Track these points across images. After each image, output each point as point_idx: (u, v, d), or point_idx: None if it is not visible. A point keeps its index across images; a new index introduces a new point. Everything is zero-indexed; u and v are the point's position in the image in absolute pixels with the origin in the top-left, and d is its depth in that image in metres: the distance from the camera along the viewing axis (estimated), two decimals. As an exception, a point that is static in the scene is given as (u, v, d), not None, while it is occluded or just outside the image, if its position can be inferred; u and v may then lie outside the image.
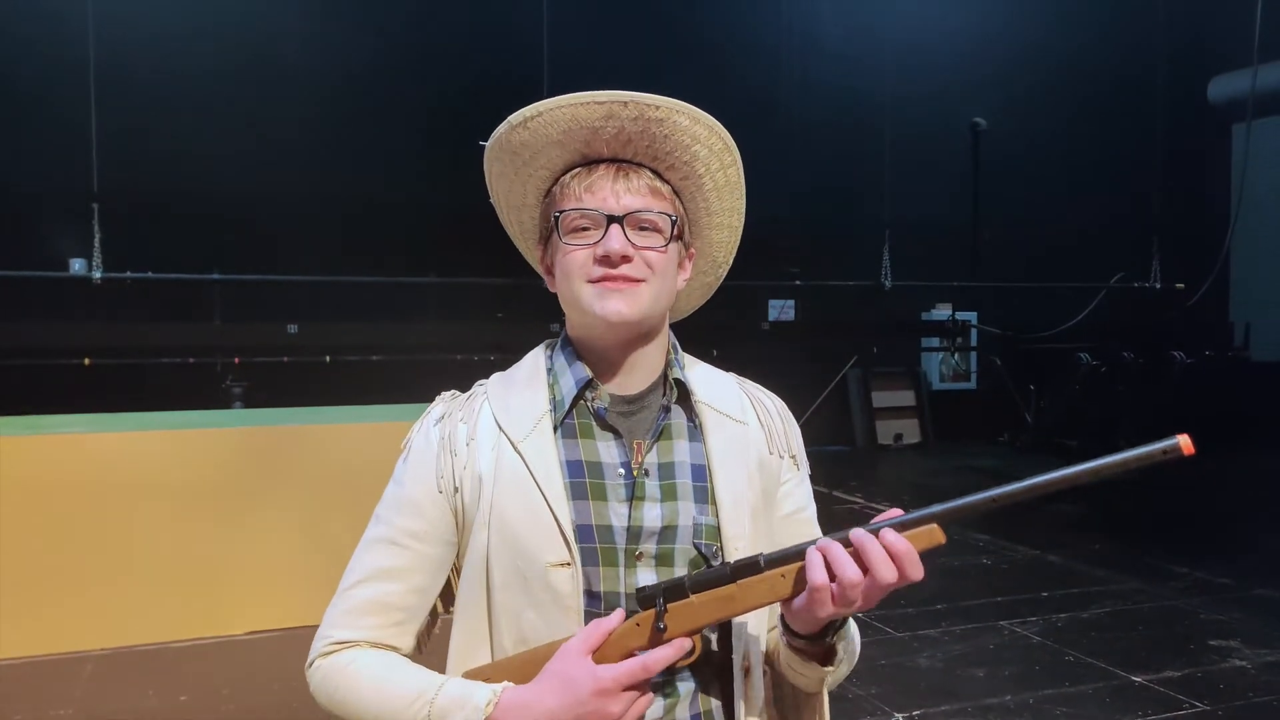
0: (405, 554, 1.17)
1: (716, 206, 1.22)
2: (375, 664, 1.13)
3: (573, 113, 1.12)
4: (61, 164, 8.00)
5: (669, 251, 1.15)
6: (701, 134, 1.15)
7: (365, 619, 1.16)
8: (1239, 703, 3.95)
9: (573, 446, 1.16)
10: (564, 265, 1.15)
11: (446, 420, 1.20)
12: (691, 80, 10.74)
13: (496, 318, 9.63)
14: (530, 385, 1.20)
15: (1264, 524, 7.73)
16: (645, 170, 1.16)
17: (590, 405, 1.18)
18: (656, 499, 1.14)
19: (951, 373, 12.20)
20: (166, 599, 4.62)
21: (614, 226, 1.12)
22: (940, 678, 4.22)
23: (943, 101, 11.47)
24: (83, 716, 3.83)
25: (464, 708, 1.05)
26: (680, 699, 1.13)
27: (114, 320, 8.29)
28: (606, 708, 1.02)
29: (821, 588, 1.00)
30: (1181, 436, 0.94)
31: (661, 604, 1.04)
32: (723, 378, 1.28)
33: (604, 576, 1.12)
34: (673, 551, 1.13)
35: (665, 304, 1.18)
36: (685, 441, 1.19)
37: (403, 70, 9.31)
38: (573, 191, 1.15)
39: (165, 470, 4.69)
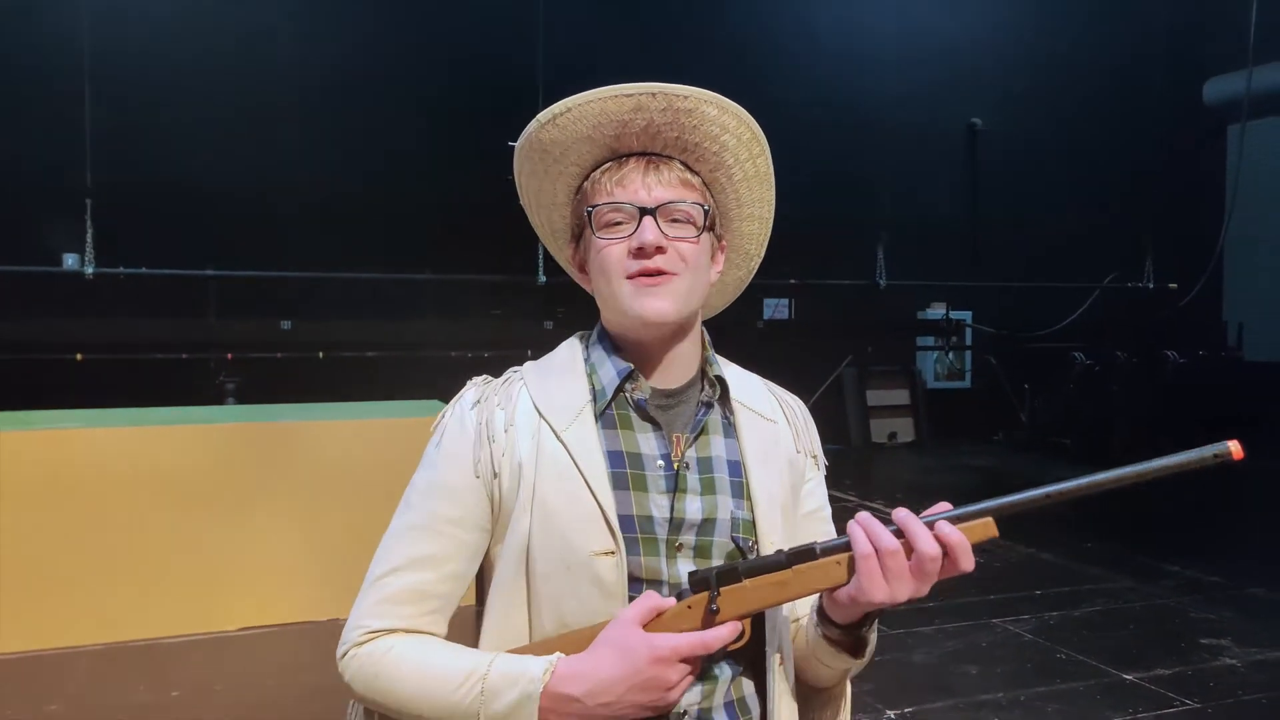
0: (441, 540, 1.15)
1: (746, 197, 1.23)
2: (417, 648, 1.12)
3: (601, 106, 1.13)
4: (55, 159, 7.99)
5: (702, 242, 1.16)
6: (730, 123, 1.16)
7: (401, 608, 1.14)
8: (1229, 700, 3.96)
9: (613, 437, 1.16)
10: (599, 261, 1.16)
11: (483, 405, 1.19)
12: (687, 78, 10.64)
13: (492, 314, 9.63)
14: (569, 374, 1.21)
15: (1255, 523, 7.76)
16: (675, 162, 1.17)
17: (630, 397, 1.18)
18: (698, 492, 1.15)
19: (946, 371, 12.23)
20: (159, 595, 4.61)
21: (647, 219, 1.12)
22: (933, 674, 4.23)
23: (939, 101, 11.49)
24: (75, 712, 3.82)
25: (518, 682, 1.04)
26: (718, 685, 1.14)
27: (107, 316, 8.27)
28: (664, 675, 1.02)
29: (867, 556, 1.01)
30: (1231, 442, 0.97)
31: (715, 587, 1.05)
32: (751, 378, 1.30)
33: (645, 566, 1.12)
34: (711, 544, 1.14)
35: (700, 297, 1.18)
36: (721, 437, 1.20)
37: (399, 66, 9.30)
38: (604, 186, 1.16)
39: (158, 466, 4.68)
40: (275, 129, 8.74)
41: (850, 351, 11.33)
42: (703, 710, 1.13)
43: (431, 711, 1.07)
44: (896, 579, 1.01)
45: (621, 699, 1.02)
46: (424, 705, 1.07)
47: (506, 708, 1.03)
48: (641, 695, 1.03)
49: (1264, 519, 7.93)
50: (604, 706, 1.03)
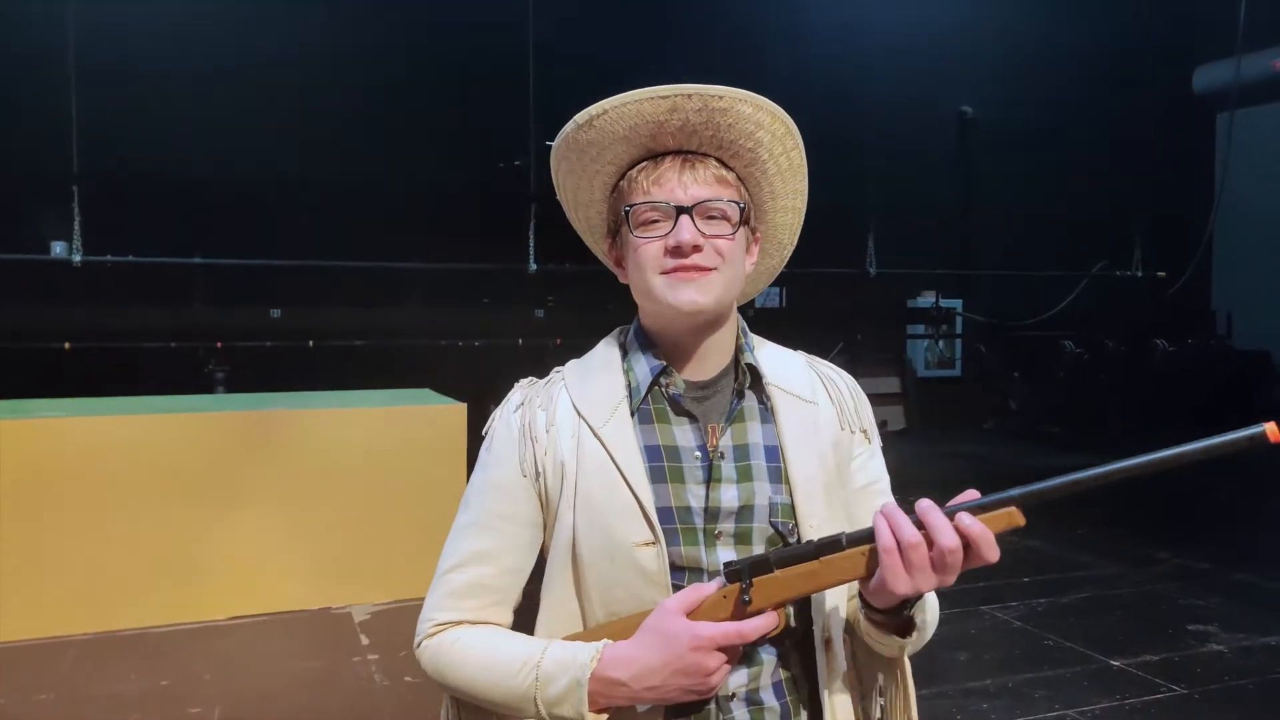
0: (496, 536, 1.22)
1: (781, 189, 1.26)
2: (480, 638, 1.19)
3: (637, 109, 1.15)
4: (42, 146, 7.92)
5: (737, 238, 1.18)
6: (765, 120, 1.18)
7: (464, 601, 1.21)
8: (1215, 686, 3.99)
9: (650, 432, 1.20)
10: (636, 259, 1.18)
11: (525, 407, 1.24)
12: (677, 68, 10.70)
13: (482, 303, 9.61)
14: (606, 372, 1.24)
15: (1243, 510, 7.81)
16: (710, 160, 1.19)
17: (665, 391, 1.21)
18: (733, 480, 1.18)
19: (937, 360, 12.25)
20: (149, 584, 4.61)
21: (683, 218, 1.15)
22: (921, 661, 4.20)
23: (930, 90, 11.48)
24: (65, 701, 3.82)
25: (570, 668, 1.10)
26: (765, 666, 1.17)
27: (95, 304, 8.23)
28: (704, 662, 1.06)
29: (889, 550, 1.02)
30: (1269, 424, 0.93)
31: (747, 578, 1.08)
32: (791, 357, 1.32)
33: (686, 555, 1.16)
34: (750, 530, 1.17)
35: (736, 289, 1.21)
36: (758, 424, 1.22)
37: (389, 52, 9.25)
38: (640, 185, 1.18)
39: (148, 455, 4.67)
40: (264, 116, 8.68)
41: (841, 340, 11.34)
42: (750, 691, 1.17)
43: (495, 696, 1.15)
44: (919, 571, 1.02)
45: (666, 683, 1.08)
46: (488, 690, 1.15)
47: (559, 692, 1.10)
48: (684, 679, 1.08)
49: (1252, 506, 7.98)
50: (650, 690, 1.09)
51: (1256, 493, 8.50)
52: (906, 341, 12.14)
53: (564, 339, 9.03)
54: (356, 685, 3.93)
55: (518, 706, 1.13)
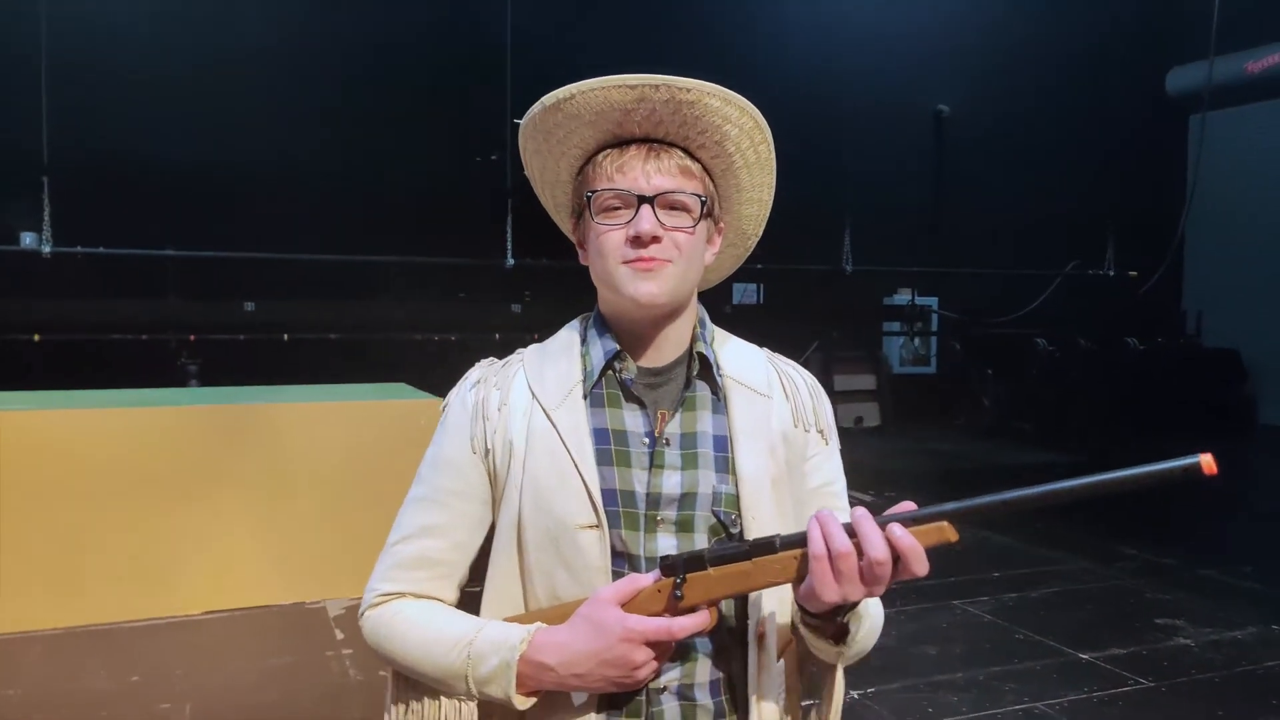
0: (445, 511, 1.22)
1: (747, 183, 1.25)
2: (419, 612, 1.20)
3: (605, 95, 1.15)
4: (10, 135, 7.83)
5: (697, 231, 1.18)
6: (733, 114, 1.18)
7: (409, 573, 1.22)
8: (1182, 679, 4.05)
9: (600, 415, 1.20)
10: (597, 245, 1.18)
11: (481, 385, 1.25)
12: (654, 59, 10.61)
13: (458, 297, 9.59)
14: (564, 356, 1.25)
15: (1210, 507, 7.90)
16: (676, 150, 1.19)
17: (618, 376, 1.22)
18: (677, 467, 1.18)
19: (912, 357, 12.33)
20: (120, 579, 4.57)
21: (645, 207, 1.15)
22: (893, 656, 4.28)
23: (906, 88, 11.55)
24: (33, 697, 3.78)
25: (500, 649, 1.11)
26: (699, 663, 1.17)
27: (65, 296, 8.14)
28: (630, 654, 1.07)
29: (819, 557, 1.02)
30: (1204, 456, 0.93)
31: (681, 574, 1.07)
32: (752, 352, 1.31)
33: (627, 540, 1.16)
34: (693, 518, 1.17)
35: (694, 281, 1.21)
36: (709, 413, 1.22)
37: (364, 46, 9.20)
38: (605, 171, 1.18)
39: (119, 449, 4.63)
40: (237, 107, 8.62)
41: (817, 337, 11.39)
42: (683, 686, 1.16)
43: (429, 670, 1.16)
44: (847, 581, 1.02)
45: (592, 672, 1.09)
46: (423, 665, 1.16)
47: (489, 672, 1.11)
48: (610, 670, 1.08)
49: (1218, 503, 8.09)
50: (576, 677, 1.09)
51: (1224, 491, 8.62)
52: (882, 338, 12.21)
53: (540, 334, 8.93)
54: (330, 680, 3.92)
55: (450, 683, 1.14)
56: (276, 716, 3.64)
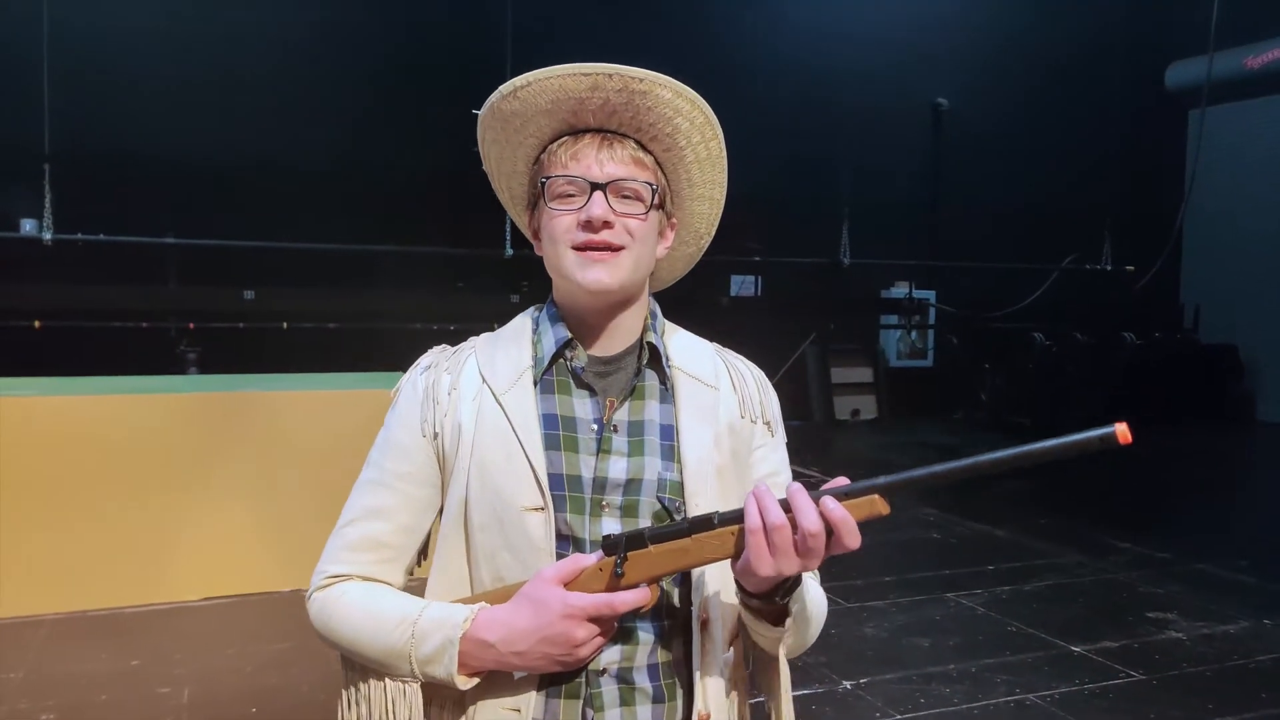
0: (393, 494, 1.24)
1: (698, 178, 1.27)
2: (364, 594, 1.21)
3: (560, 83, 1.17)
4: (11, 122, 7.83)
5: (649, 219, 1.20)
6: (684, 107, 1.20)
7: (357, 555, 1.23)
8: (1173, 673, 4.08)
9: (550, 401, 1.22)
10: (549, 230, 1.20)
11: (432, 370, 1.26)
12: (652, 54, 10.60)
13: (456, 288, 9.60)
14: (515, 342, 1.27)
15: (1204, 501, 7.95)
16: (629, 141, 1.21)
17: (569, 364, 1.24)
18: (623, 453, 1.20)
19: (909, 350, 12.35)
20: (121, 564, 4.60)
21: (597, 193, 1.17)
22: (886, 647, 4.32)
23: (905, 81, 11.53)
24: (34, 680, 3.81)
25: (443, 627, 1.13)
26: (639, 646, 1.19)
27: (65, 282, 8.15)
28: (571, 631, 1.09)
29: (755, 530, 1.05)
30: (1119, 425, 0.96)
31: (622, 551, 1.09)
32: (701, 345, 1.34)
33: (572, 523, 1.18)
34: (637, 503, 1.19)
35: (645, 271, 1.23)
36: (656, 402, 1.25)
37: (364, 34, 9.20)
38: (559, 159, 1.20)
39: (119, 436, 4.66)
40: (237, 96, 8.62)
41: (814, 329, 11.41)
42: (623, 669, 1.18)
43: (373, 651, 1.17)
44: (781, 553, 1.04)
45: (532, 649, 1.11)
46: (367, 645, 1.17)
47: (432, 651, 1.13)
48: (551, 648, 1.10)
49: (1213, 497, 8.13)
50: (517, 655, 1.11)
51: (1220, 485, 8.66)
52: (879, 331, 12.23)
53: (539, 324, 8.98)
54: (326, 666, 3.93)
55: (393, 663, 1.15)
56: (274, 701, 3.68)
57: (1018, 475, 8.32)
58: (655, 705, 1.19)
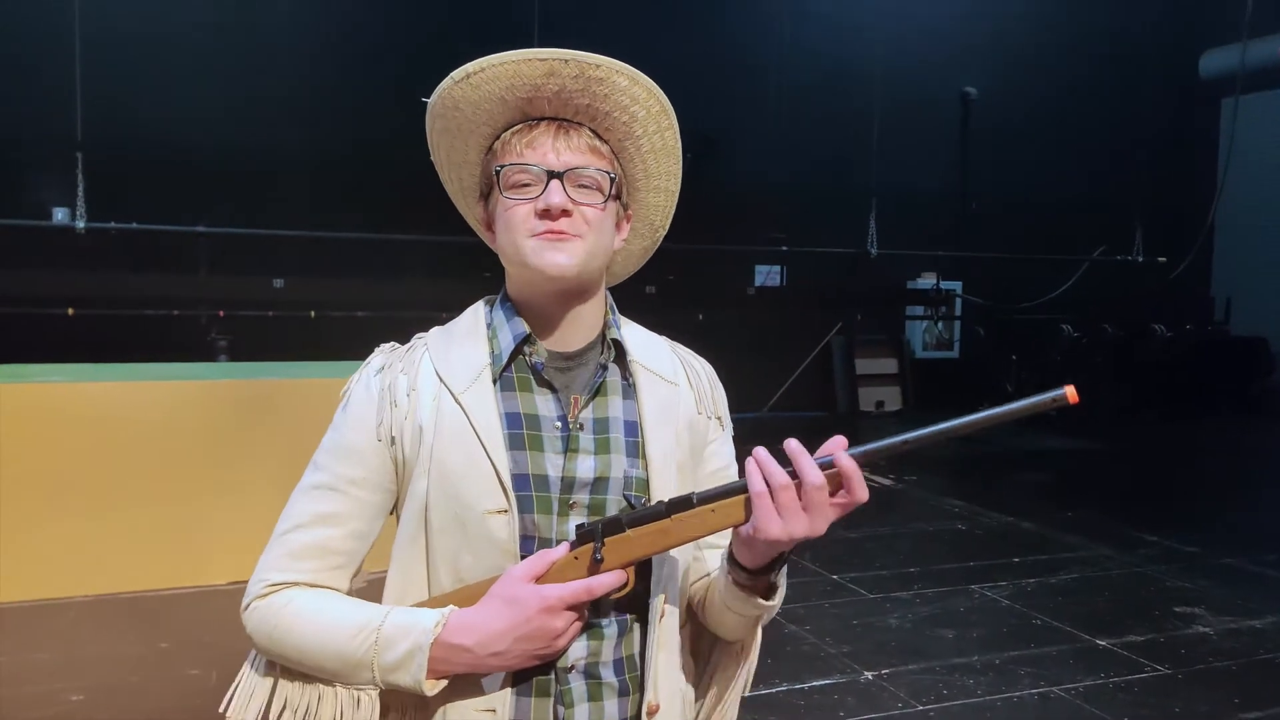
0: (344, 500, 1.19)
1: (654, 169, 1.25)
2: (314, 601, 1.16)
3: (515, 69, 1.14)
4: (45, 111, 7.92)
5: (607, 210, 1.18)
6: (640, 95, 1.17)
7: (303, 562, 1.18)
8: (1199, 667, 4.05)
9: (511, 399, 1.19)
10: (505, 220, 1.17)
11: (387, 371, 1.22)
12: (683, 46, 10.68)
13: (483, 277, 9.61)
14: (470, 339, 1.24)
15: (1234, 495, 7.87)
16: (585, 129, 1.19)
17: (528, 360, 1.21)
18: (590, 451, 1.18)
19: (935, 341, 12.28)
20: (150, 548, 4.66)
21: (554, 182, 1.14)
22: (909, 638, 4.31)
23: (934, 71, 11.44)
24: (64, 661, 3.88)
25: (411, 633, 1.09)
26: (605, 641, 1.18)
27: (98, 271, 8.25)
28: (550, 623, 1.08)
29: (761, 494, 1.05)
30: (1068, 387, 1.03)
31: (600, 537, 1.10)
32: (656, 341, 1.32)
33: (539, 524, 1.16)
34: (605, 502, 1.18)
35: (602, 260, 1.20)
36: (619, 399, 1.23)
37: (396, 22, 9.22)
38: (514, 147, 1.17)
39: (150, 421, 4.71)
40: (270, 86, 8.67)
41: (840, 320, 11.36)
42: (589, 665, 1.17)
43: (327, 661, 1.12)
44: (790, 514, 1.05)
45: (511, 649, 1.09)
46: (320, 655, 1.12)
47: (398, 658, 1.09)
48: (529, 644, 1.09)
49: (1242, 491, 8.04)
50: (494, 656, 1.09)
51: (1247, 478, 8.56)
52: (905, 322, 12.16)
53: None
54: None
55: (351, 673, 1.11)
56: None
57: (1044, 468, 8.28)
58: (621, 699, 1.19)
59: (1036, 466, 8.71)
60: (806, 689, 3.76)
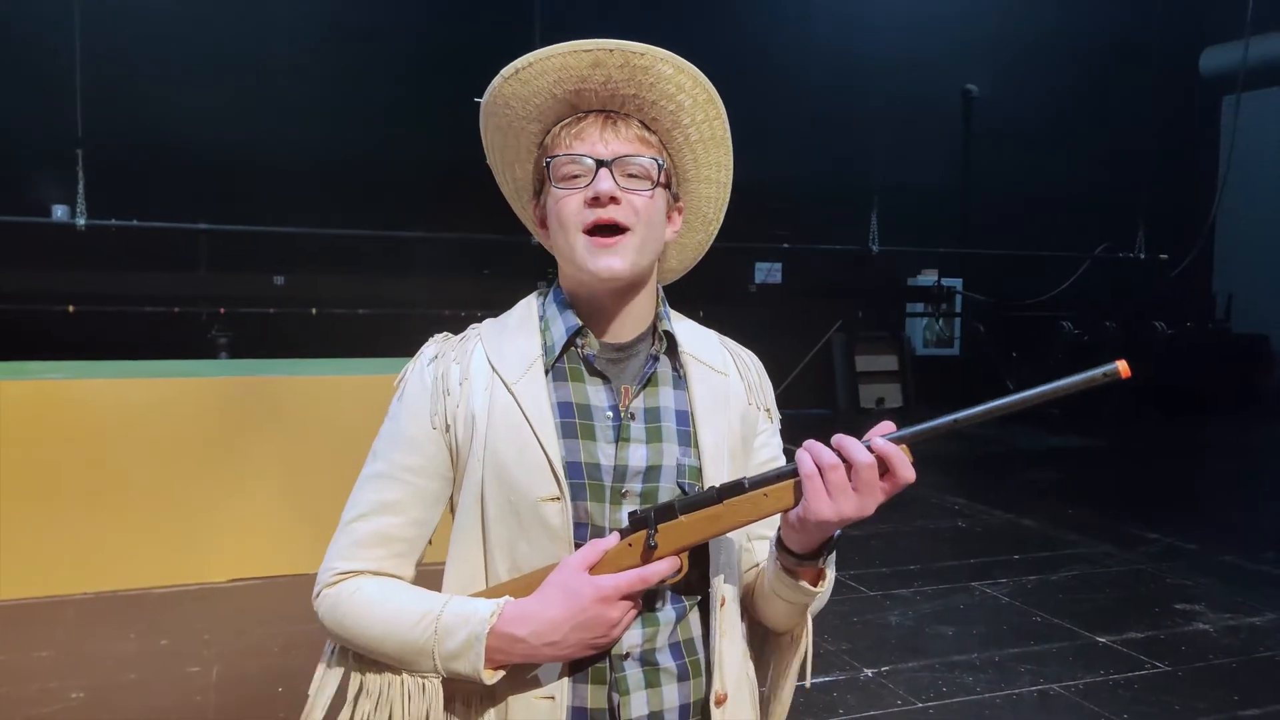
0: (403, 488, 1.21)
1: (704, 159, 1.26)
2: (380, 589, 1.18)
3: (561, 62, 1.16)
4: (45, 108, 7.91)
5: (656, 197, 1.19)
6: (686, 83, 1.19)
7: (368, 550, 1.21)
8: (1199, 664, 4.05)
9: (563, 389, 1.21)
10: (556, 213, 1.19)
11: (440, 360, 1.24)
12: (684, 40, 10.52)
13: (483, 274, 9.63)
14: (522, 330, 1.25)
15: (1233, 492, 7.86)
16: (633, 120, 1.20)
17: (580, 352, 1.22)
18: (642, 440, 1.20)
19: (935, 338, 12.28)
20: (149, 545, 4.66)
21: (603, 170, 1.15)
22: (909, 635, 4.31)
23: (935, 67, 11.42)
24: (64, 658, 3.88)
25: (469, 622, 1.11)
26: (661, 627, 1.18)
27: (98, 268, 8.25)
28: (606, 613, 1.09)
29: (811, 475, 1.07)
30: (1120, 361, 1.04)
31: (653, 524, 1.10)
32: (706, 333, 1.34)
33: (591, 511, 1.17)
34: (657, 490, 1.19)
35: (653, 253, 1.21)
36: (670, 389, 1.24)
37: (395, 20, 9.22)
38: (563, 140, 1.19)
39: (150, 418, 4.72)
40: (269, 81, 8.67)
41: (840, 317, 11.36)
42: (645, 651, 1.17)
43: (392, 648, 1.15)
44: (840, 493, 1.07)
45: (566, 638, 1.10)
46: (385, 642, 1.15)
47: (457, 646, 1.11)
48: (585, 633, 1.10)
49: (1242, 488, 8.04)
50: (550, 645, 1.10)
51: (1247, 476, 8.56)
52: (906, 319, 12.15)
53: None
54: (353, 648, 3.99)
55: (414, 660, 1.13)
56: (301, 681, 3.69)
57: (1046, 465, 8.29)
58: (680, 683, 1.19)
59: (1037, 464, 8.70)
60: (805, 686, 3.76)
